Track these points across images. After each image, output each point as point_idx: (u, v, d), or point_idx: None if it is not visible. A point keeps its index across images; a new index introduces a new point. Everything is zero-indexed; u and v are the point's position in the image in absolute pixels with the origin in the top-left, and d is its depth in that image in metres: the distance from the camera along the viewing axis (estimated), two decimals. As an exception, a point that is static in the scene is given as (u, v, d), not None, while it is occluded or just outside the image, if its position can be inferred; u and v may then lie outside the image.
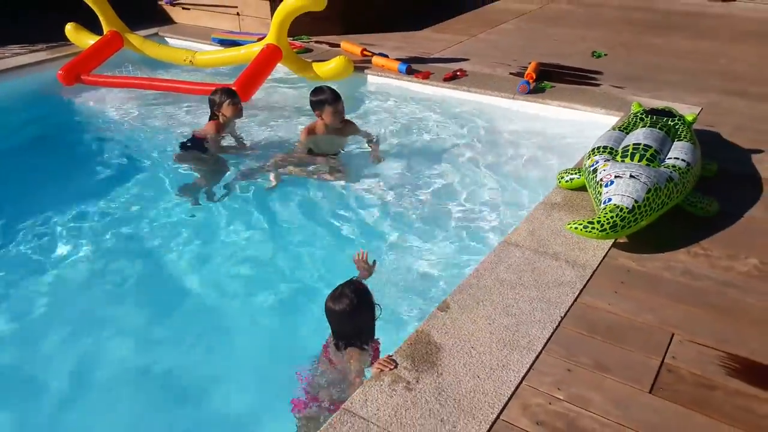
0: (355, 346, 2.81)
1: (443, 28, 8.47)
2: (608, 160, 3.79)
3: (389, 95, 6.36)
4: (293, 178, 4.85)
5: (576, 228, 3.38)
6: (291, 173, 4.88)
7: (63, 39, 7.11)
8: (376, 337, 2.97)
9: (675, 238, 3.60)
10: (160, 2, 8.52)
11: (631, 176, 3.49)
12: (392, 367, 2.62)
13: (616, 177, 3.53)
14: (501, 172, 4.90)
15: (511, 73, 6.47)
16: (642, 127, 4.13)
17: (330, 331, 2.89)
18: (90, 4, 6.58)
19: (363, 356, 2.81)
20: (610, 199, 3.44)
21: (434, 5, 9.39)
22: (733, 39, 7.88)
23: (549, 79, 6.20)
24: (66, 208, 4.44)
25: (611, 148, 3.95)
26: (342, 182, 4.76)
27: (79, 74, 6.35)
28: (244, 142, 5.37)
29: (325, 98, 4.78)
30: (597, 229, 3.32)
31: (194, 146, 4.99)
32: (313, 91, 4.92)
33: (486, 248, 3.87)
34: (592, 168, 3.79)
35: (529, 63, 6.45)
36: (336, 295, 2.80)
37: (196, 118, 5.79)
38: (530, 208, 4.00)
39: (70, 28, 6.99)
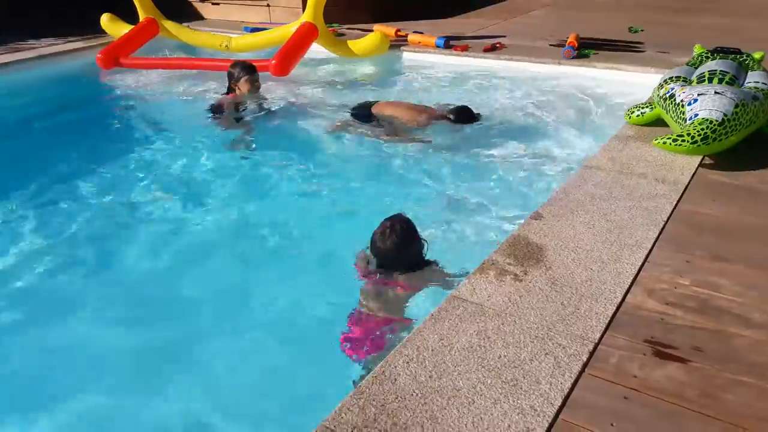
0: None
1: (472, 16, 8.45)
2: (685, 86, 3.65)
3: (429, 69, 6.26)
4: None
5: (665, 143, 3.23)
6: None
7: (97, 32, 7.08)
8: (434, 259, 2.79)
9: (761, 158, 3.45)
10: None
11: (716, 92, 3.35)
12: None
13: (699, 95, 3.39)
14: (558, 125, 4.75)
15: (551, 45, 6.38)
16: (711, 60, 4.01)
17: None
18: (126, -10, 6.58)
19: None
20: (696, 114, 3.29)
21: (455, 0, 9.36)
22: (753, 15, 7.89)
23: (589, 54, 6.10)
24: (101, 178, 4.24)
25: (684, 78, 3.82)
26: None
27: (117, 58, 6.29)
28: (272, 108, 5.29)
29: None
30: (688, 142, 3.17)
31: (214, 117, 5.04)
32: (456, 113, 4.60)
33: (554, 181, 3.69)
34: (668, 94, 3.65)
35: (569, 35, 6.36)
36: (384, 230, 2.64)
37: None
38: (596, 148, 3.81)
39: (105, 19, 6.96)
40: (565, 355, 1.95)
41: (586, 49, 6.03)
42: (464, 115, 4.54)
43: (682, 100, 3.46)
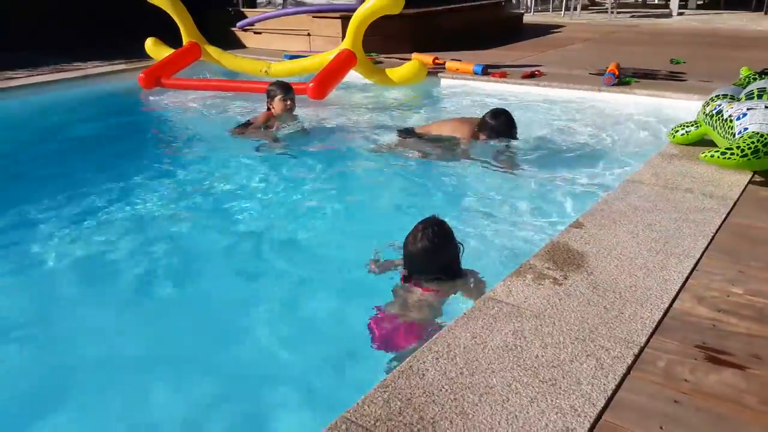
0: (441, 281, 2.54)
1: (510, 48, 8.44)
2: (732, 102, 3.52)
3: (468, 95, 6.23)
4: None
5: (713, 156, 3.09)
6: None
7: (141, 57, 7.26)
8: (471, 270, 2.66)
9: (817, 179, 3.26)
10: (232, 28, 8.73)
11: (766, 107, 3.21)
12: None
13: (749, 109, 3.25)
14: (598, 147, 4.62)
15: (590, 74, 6.29)
16: (760, 80, 3.87)
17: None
18: (172, 15, 6.74)
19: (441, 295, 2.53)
20: (746, 128, 3.15)
21: (493, 35, 9.35)
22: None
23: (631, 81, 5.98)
24: (135, 189, 4.18)
25: (732, 96, 3.69)
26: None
27: (158, 78, 6.42)
28: (307, 128, 5.29)
29: (497, 126, 4.27)
30: (737, 155, 3.03)
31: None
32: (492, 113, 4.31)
33: (594, 198, 3.54)
34: (715, 111, 3.52)
35: (609, 65, 6.27)
36: (416, 233, 2.51)
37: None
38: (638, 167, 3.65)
39: (149, 43, 7.13)
40: (608, 357, 1.81)
41: (626, 77, 5.93)
42: (502, 122, 4.27)
43: (730, 115, 3.32)
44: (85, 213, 3.82)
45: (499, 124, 4.26)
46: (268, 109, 5.21)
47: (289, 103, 5.18)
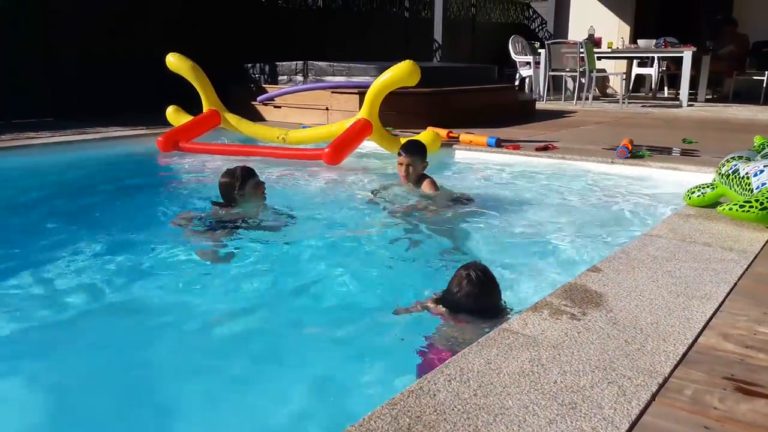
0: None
1: (523, 127, 8.59)
2: (748, 162, 3.51)
3: (481, 166, 6.29)
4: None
5: (731, 209, 3.05)
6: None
7: (162, 125, 7.44)
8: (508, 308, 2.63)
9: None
10: (252, 102, 9.01)
11: (783, 164, 3.19)
12: None
13: (766, 166, 3.24)
14: (609, 213, 4.58)
15: (604, 148, 6.36)
16: (775, 145, 3.89)
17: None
18: (193, 83, 6.98)
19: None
20: (764, 183, 3.13)
21: (506, 117, 9.54)
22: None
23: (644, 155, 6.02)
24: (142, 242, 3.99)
25: (747, 157, 3.68)
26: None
27: (176, 142, 6.57)
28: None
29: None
30: (756, 208, 2.98)
31: None
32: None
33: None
34: (731, 170, 3.51)
35: (622, 140, 6.34)
36: (460, 280, 2.51)
37: (288, 183, 5.78)
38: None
39: (171, 111, 7.36)
40: (631, 384, 1.71)
41: (640, 151, 5.98)
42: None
43: (747, 173, 3.31)
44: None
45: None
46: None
47: (258, 183, 4.12)
